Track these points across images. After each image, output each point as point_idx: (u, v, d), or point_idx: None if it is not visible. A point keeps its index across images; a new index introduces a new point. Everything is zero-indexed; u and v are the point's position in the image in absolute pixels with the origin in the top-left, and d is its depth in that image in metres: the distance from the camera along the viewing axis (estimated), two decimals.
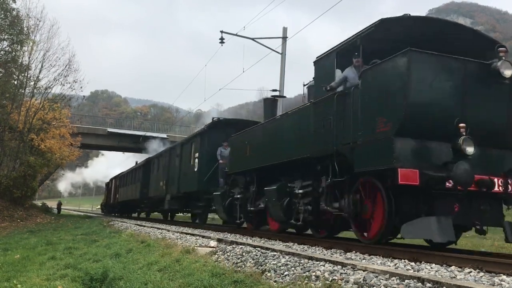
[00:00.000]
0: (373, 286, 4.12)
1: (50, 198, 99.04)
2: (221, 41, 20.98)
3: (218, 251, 7.36)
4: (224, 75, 54.84)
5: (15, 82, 26.46)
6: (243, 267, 5.89)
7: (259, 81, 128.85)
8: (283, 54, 20.77)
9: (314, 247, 7.56)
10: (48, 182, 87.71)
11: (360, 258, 6.01)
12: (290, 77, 21.78)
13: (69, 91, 28.95)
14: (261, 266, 5.71)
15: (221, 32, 20.98)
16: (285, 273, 5.17)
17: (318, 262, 5.42)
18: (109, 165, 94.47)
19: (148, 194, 23.83)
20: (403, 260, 5.60)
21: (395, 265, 5.33)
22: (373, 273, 4.52)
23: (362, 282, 4.27)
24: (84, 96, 34.15)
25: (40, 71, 27.70)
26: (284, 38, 20.85)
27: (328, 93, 7.65)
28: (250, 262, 6.08)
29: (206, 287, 4.82)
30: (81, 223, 22.15)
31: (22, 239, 13.39)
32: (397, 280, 4.17)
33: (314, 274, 4.84)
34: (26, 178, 25.75)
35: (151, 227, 15.22)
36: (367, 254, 6.39)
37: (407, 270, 4.91)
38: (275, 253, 6.40)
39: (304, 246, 7.85)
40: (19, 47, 25.44)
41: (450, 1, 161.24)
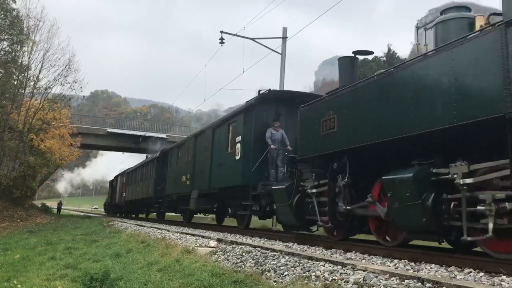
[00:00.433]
0: (373, 286, 4.12)
1: (50, 198, 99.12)
2: (221, 41, 21.01)
3: (218, 251, 7.36)
4: (224, 75, 55.00)
5: (15, 82, 26.47)
6: (243, 267, 5.89)
7: (259, 81, 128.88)
8: (283, 54, 20.79)
9: (314, 247, 7.56)
10: (48, 182, 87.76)
11: (360, 258, 6.02)
12: (290, 77, 21.81)
13: (69, 91, 29.03)
14: (261, 266, 5.72)
15: (221, 32, 21.03)
16: (285, 273, 5.17)
17: (318, 262, 5.43)
18: (107, 165, 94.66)
19: (165, 192, 20.66)
20: (403, 260, 5.61)
21: (395, 265, 5.34)
22: (373, 273, 4.52)
23: (362, 282, 4.27)
24: (84, 96, 34.14)
25: (40, 71, 27.77)
26: (284, 38, 20.87)
27: None
28: (250, 262, 6.08)
29: (206, 287, 4.83)
30: (80, 223, 22.14)
31: (22, 239, 13.39)
32: (397, 280, 4.17)
33: (314, 274, 4.85)
34: (25, 178, 25.75)
35: (151, 227, 15.23)
36: (367, 254, 6.40)
37: (407, 270, 4.92)
38: (275, 253, 6.41)
39: (304, 246, 7.85)
40: (19, 47, 25.48)
41: (450, 1, 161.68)
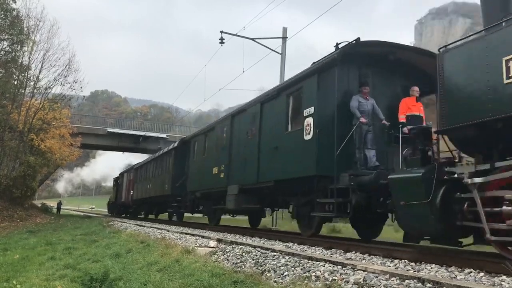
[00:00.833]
0: (373, 286, 4.12)
1: (50, 198, 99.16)
2: (221, 41, 21.00)
3: (218, 251, 7.35)
4: (224, 75, 55.05)
5: (15, 82, 26.45)
6: (243, 267, 5.88)
7: (259, 81, 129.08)
8: (283, 54, 20.78)
9: (314, 247, 7.55)
10: (48, 182, 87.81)
11: (360, 258, 6.02)
12: (290, 77, 21.75)
13: (69, 91, 28.98)
14: (261, 266, 5.71)
15: (221, 32, 21.01)
16: (285, 274, 5.16)
17: (318, 262, 5.42)
18: (106, 165, 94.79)
19: (186, 188, 17.65)
20: (403, 260, 5.61)
21: (395, 265, 5.33)
22: (373, 273, 4.51)
23: (362, 282, 4.26)
24: (84, 96, 34.10)
25: (40, 71, 27.72)
26: (284, 38, 20.86)
27: None
28: (250, 262, 6.07)
29: (206, 287, 4.82)
30: (80, 223, 22.13)
31: (21, 239, 13.38)
32: (397, 280, 4.16)
33: (314, 274, 4.84)
34: (26, 178, 25.73)
35: (150, 227, 15.22)
36: (367, 254, 6.39)
37: (407, 270, 4.91)
38: (275, 254, 6.40)
39: (304, 246, 7.84)
40: (19, 47, 25.45)
41: (450, 1, 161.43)
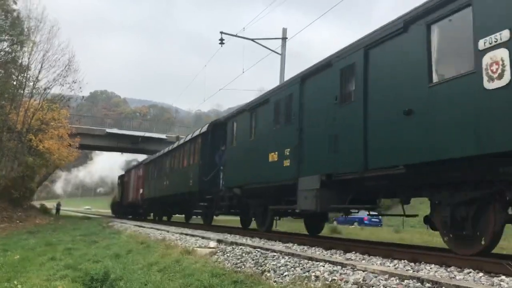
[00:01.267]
0: (372, 287, 4.13)
1: (49, 199, 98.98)
2: (221, 42, 21.00)
3: (218, 251, 7.36)
4: (223, 76, 54.99)
5: (15, 83, 26.44)
6: (243, 267, 5.90)
7: (259, 82, 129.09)
8: (282, 55, 20.78)
9: (313, 248, 7.57)
10: (46, 183, 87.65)
11: (359, 259, 6.04)
12: (290, 77, 21.78)
13: (68, 91, 29.01)
14: (261, 266, 5.73)
15: (221, 33, 21.00)
16: (285, 274, 5.18)
17: (317, 263, 5.43)
18: (104, 165, 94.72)
19: (219, 183, 13.99)
20: (402, 261, 5.63)
21: (394, 265, 5.35)
22: (372, 273, 4.53)
23: (361, 282, 4.28)
24: (83, 97, 34.14)
25: (39, 72, 27.72)
26: (284, 39, 20.87)
27: None
28: (250, 262, 6.09)
29: (206, 287, 4.84)
30: (80, 224, 22.12)
31: (21, 240, 13.38)
32: (397, 280, 4.18)
33: (314, 274, 4.85)
34: (24, 179, 25.74)
35: (150, 227, 15.22)
36: (366, 255, 6.41)
37: (406, 270, 4.93)
38: (275, 254, 6.41)
39: (304, 246, 7.86)
40: (19, 47, 25.45)
41: None
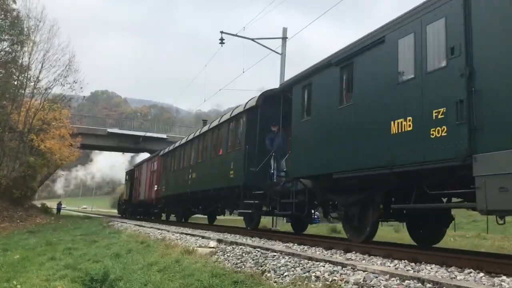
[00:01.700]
0: (373, 287, 4.12)
1: (50, 199, 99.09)
2: (221, 41, 21.00)
3: (218, 251, 7.35)
4: (224, 76, 55.04)
5: (15, 83, 26.46)
6: (243, 267, 5.88)
7: (259, 82, 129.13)
8: (283, 54, 20.77)
9: (314, 248, 7.55)
10: (48, 183, 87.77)
11: (360, 259, 6.02)
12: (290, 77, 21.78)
13: (69, 91, 29.01)
14: (261, 266, 5.71)
15: (221, 32, 21.02)
16: (285, 274, 5.16)
17: (318, 263, 5.42)
18: (103, 165, 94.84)
19: (274, 174, 11.17)
20: (403, 261, 5.61)
21: (395, 265, 5.33)
22: (373, 273, 4.52)
23: (362, 282, 4.26)
24: (84, 97, 34.12)
25: (40, 72, 27.72)
26: (284, 39, 20.86)
27: None
28: (250, 262, 6.07)
29: (206, 287, 4.83)
30: (80, 223, 22.13)
31: (21, 240, 13.38)
32: (397, 281, 4.16)
33: (314, 274, 4.84)
34: (26, 178, 25.76)
35: (150, 227, 15.22)
36: (367, 255, 6.39)
37: (407, 270, 4.91)
38: (275, 254, 6.40)
39: (304, 246, 7.84)
40: (19, 47, 25.46)
41: None
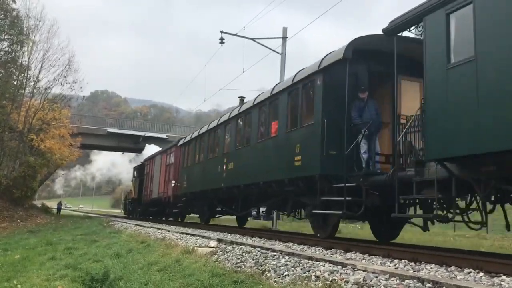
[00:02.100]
0: (373, 286, 4.12)
1: (50, 199, 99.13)
2: (221, 41, 21.01)
3: (218, 251, 7.35)
4: (224, 75, 55.08)
5: (15, 83, 26.46)
6: (243, 267, 5.89)
7: (259, 81, 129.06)
8: (283, 54, 20.77)
9: (314, 247, 7.56)
10: (48, 183, 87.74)
11: (360, 258, 6.02)
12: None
13: (68, 91, 29.02)
14: (261, 266, 5.72)
15: (221, 32, 21.02)
16: (285, 273, 5.17)
17: (318, 262, 5.43)
18: (102, 166, 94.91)
19: (365, 160, 8.18)
20: (403, 260, 5.62)
21: (395, 265, 5.34)
22: (373, 273, 4.52)
23: (362, 282, 4.27)
24: (84, 96, 34.15)
25: (39, 72, 27.75)
26: (284, 38, 20.85)
27: None
28: (250, 262, 6.08)
29: (206, 287, 4.83)
30: (81, 223, 22.13)
31: (22, 239, 13.39)
32: (397, 280, 4.17)
33: (314, 274, 4.84)
34: (26, 178, 25.76)
35: (151, 227, 15.21)
36: (367, 254, 6.40)
37: (407, 270, 4.92)
38: (275, 253, 6.41)
39: (304, 246, 7.85)
40: (19, 47, 25.46)
41: None
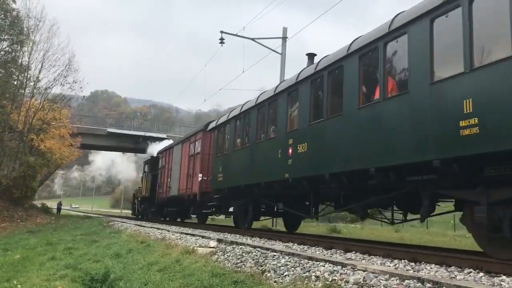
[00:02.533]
0: (373, 286, 4.12)
1: (50, 199, 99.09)
2: (221, 41, 21.01)
3: (218, 251, 7.35)
4: (224, 75, 55.10)
5: (15, 83, 26.45)
6: (243, 267, 5.89)
7: (259, 81, 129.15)
8: (283, 54, 20.78)
9: (314, 247, 7.56)
10: (48, 183, 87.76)
11: (360, 258, 6.03)
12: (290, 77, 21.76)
13: (68, 91, 28.99)
14: (261, 266, 5.72)
15: (221, 32, 21.02)
16: (285, 274, 5.17)
17: (318, 263, 5.43)
18: (101, 166, 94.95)
19: None
20: (403, 260, 5.62)
21: (395, 265, 5.34)
22: (373, 273, 4.52)
23: (362, 282, 4.27)
24: (84, 96, 34.10)
25: (40, 72, 27.71)
26: (284, 38, 20.86)
27: None
28: (250, 262, 6.08)
29: (206, 287, 4.83)
30: (81, 223, 22.13)
31: (22, 239, 13.39)
32: (397, 280, 4.17)
33: (314, 274, 4.84)
34: (26, 178, 25.75)
35: (151, 227, 15.21)
36: (367, 254, 6.41)
37: (407, 270, 4.92)
38: (275, 254, 6.40)
39: (304, 246, 7.85)
40: (19, 47, 25.44)
41: None
